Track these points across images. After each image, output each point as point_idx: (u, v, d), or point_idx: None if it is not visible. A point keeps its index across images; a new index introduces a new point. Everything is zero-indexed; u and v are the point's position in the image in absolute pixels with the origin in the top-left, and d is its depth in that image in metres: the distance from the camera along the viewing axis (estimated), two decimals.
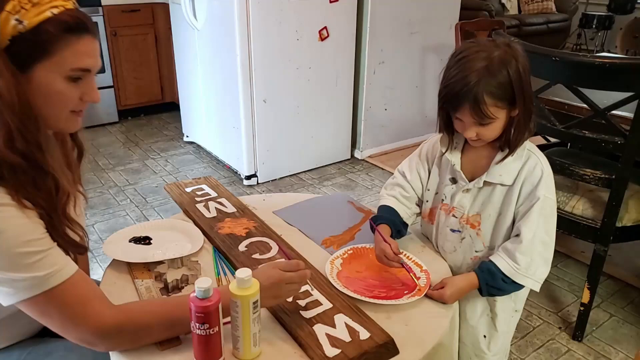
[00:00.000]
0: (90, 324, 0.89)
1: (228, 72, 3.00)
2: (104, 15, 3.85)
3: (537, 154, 1.17)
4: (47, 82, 0.88)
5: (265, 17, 2.85)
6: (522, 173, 1.15)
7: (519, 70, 1.05)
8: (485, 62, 1.04)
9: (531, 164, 1.15)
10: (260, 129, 3.07)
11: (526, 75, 1.07)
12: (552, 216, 1.15)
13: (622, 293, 2.21)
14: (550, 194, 1.14)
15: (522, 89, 1.06)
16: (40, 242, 0.87)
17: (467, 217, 1.22)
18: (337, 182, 3.24)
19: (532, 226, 1.12)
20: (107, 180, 3.22)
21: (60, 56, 0.87)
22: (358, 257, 1.24)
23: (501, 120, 1.09)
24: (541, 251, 1.13)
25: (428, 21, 3.53)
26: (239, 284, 0.88)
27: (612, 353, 1.87)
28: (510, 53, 1.06)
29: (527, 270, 1.13)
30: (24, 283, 0.85)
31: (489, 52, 1.06)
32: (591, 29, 5.60)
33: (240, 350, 0.92)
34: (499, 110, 1.07)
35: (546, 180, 1.14)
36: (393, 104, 3.63)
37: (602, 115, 1.66)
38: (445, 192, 1.25)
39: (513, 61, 1.05)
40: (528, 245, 1.12)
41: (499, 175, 1.15)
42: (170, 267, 1.17)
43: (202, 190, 1.55)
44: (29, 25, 0.83)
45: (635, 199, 1.80)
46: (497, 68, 1.04)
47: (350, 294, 1.07)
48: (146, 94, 4.29)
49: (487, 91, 1.04)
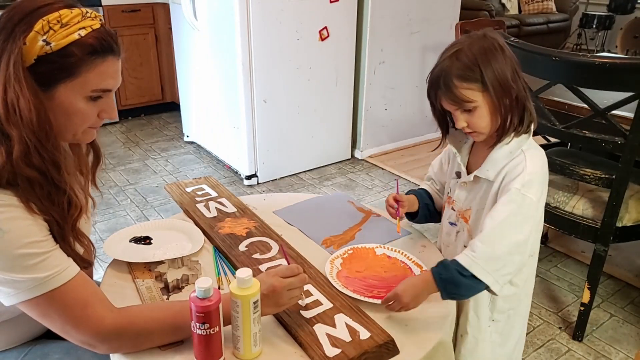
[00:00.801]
0: (91, 327, 0.89)
1: (228, 72, 3.00)
2: (104, 15, 3.84)
3: (529, 154, 1.11)
4: (68, 101, 0.89)
5: (265, 17, 2.85)
6: (505, 169, 1.11)
7: (487, 54, 1.05)
8: (454, 49, 1.07)
9: (516, 161, 1.10)
10: (260, 129, 3.07)
11: (499, 58, 1.05)
12: (530, 217, 1.08)
13: (622, 293, 2.21)
14: (531, 193, 1.06)
15: (493, 71, 1.04)
16: (43, 244, 0.87)
17: (462, 211, 1.24)
18: (337, 182, 3.24)
19: (496, 215, 1.07)
20: (108, 180, 3.22)
21: (84, 78, 0.88)
22: (358, 257, 1.24)
23: (483, 106, 1.07)
24: (511, 249, 1.05)
25: (428, 21, 3.53)
26: (239, 284, 0.88)
27: (612, 353, 1.87)
28: (481, 38, 1.07)
29: (487, 263, 1.03)
30: (25, 284, 0.85)
31: (461, 42, 1.09)
32: (591, 29, 5.60)
33: (241, 350, 0.92)
34: (473, 92, 1.06)
35: (525, 177, 1.07)
36: (393, 104, 3.63)
37: (602, 115, 1.66)
38: (451, 185, 1.28)
39: (480, 43, 1.06)
40: (489, 234, 1.05)
41: (487, 170, 1.14)
42: (170, 267, 1.18)
43: (203, 190, 1.55)
44: (55, 47, 0.85)
45: (636, 199, 1.80)
46: (465, 52, 1.06)
47: (349, 294, 1.08)
48: (146, 93, 4.30)
49: (454, 74, 1.05)
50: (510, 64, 1.07)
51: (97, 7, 3.79)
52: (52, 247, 0.89)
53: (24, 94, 0.83)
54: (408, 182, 3.21)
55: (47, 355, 1.08)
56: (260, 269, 1.16)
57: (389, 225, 1.39)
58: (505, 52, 1.07)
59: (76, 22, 0.87)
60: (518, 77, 1.08)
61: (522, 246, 1.07)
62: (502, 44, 1.08)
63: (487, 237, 1.05)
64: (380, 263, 1.22)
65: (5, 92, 0.83)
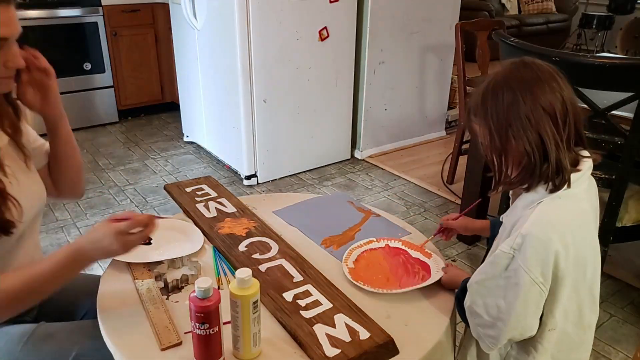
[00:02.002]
0: None
1: (228, 72, 3.00)
2: (104, 15, 3.85)
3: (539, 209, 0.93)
4: None
5: (265, 17, 2.85)
6: (518, 222, 0.96)
7: (502, 84, 0.93)
8: (489, 78, 0.97)
9: (526, 214, 0.94)
10: (260, 129, 3.07)
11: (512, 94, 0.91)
12: (516, 285, 0.91)
13: (622, 293, 2.20)
14: (521, 259, 0.90)
15: (494, 107, 0.93)
16: None
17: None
18: (337, 182, 3.24)
19: (476, 273, 0.98)
20: (107, 180, 3.22)
21: None
22: (368, 260, 1.23)
23: (487, 144, 0.97)
24: (491, 311, 0.95)
25: (428, 21, 3.53)
26: (239, 284, 0.88)
27: (612, 353, 1.87)
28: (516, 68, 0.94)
29: (469, 313, 1.00)
30: None
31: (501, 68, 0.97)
32: (591, 29, 5.60)
33: (240, 350, 0.92)
34: (477, 126, 0.98)
35: (517, 240, 0.91)
36: (393, 104, 3.63)
37: (602, 115, 1.67)
38: None
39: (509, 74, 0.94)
40: (469, 287, 0.99)
41: (507, 216, 1.03)
42: (170, 267, 1.18)
43: (202, 190, 1.55)
44: None
45: (635, 199, 1.80)
46: (487, 82, 0.96)
47: (374, 290, 1.09)
48: (146, 94, 4.30)
49: (470, 107, 0.99)
50: (525, 107, 0.91)
51: (97, 7, 3.80)
52: None
53: None
54: (407, 182, 3.21)
55: (52, 336, 1.09)
56: (260, 269, 1.16)
57: (388, 225, 1.39)
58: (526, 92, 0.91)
59: None
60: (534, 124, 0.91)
61: (508, 318, 0.94)
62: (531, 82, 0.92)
63: (469, 290, 0.99)
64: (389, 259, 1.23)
65: None
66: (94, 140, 3.84)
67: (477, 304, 0.98)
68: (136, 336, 0.97)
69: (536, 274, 0.90)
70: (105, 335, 0.99)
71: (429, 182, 3.22)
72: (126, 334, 0.97)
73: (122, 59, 4.06)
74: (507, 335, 0.96)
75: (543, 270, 0.90)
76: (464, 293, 1.02)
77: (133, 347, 0.95)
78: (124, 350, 0.94)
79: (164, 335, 0.96)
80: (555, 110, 0.92)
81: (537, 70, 0.94)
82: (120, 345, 0.95)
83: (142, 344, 0.95)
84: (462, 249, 2.50)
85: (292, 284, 1.11)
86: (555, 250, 0.90)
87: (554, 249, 0.90)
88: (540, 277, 0.91)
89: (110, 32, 3.93)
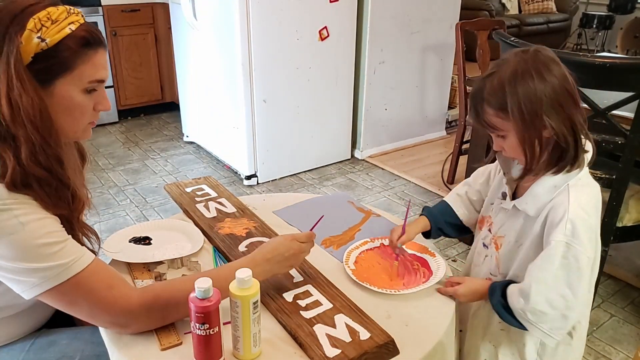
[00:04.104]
0: (120, 306, 0.92)
1: (228, 72, 3.00)
2: (104, 15, 3.85)
3: (574, 192, 0.99)
4: (68, 95, 0.92)
5: (265, 17, 2.85)
6: (547, 207, 1.01)
7: (520, 73, 0.94)
8: (493, 69, 0.98)
9: (559, 200, 0.99)
10: (260, 129, 3.07)
11: (533, 81, 0.93)
12: (578, 269, 0.96)
13: (623, 293, 2.20)
14: (577, 243, 0.95)
15: (517, 95, 0.94)
16: (60, 234, 0.91)
17: (496, 237, 1.15)
18: (337, 182, 3.24)
19: (536, 274, 0.99)
20: (107, 180, 3.21)
21: (80, 70, 0.91)
22: (367, 261, 1.23)
23: (512, 136, 0.99)
24: (557, 304, 0.98)
25: (428, 21, 3.53)
26: (239, 284, 0.88)
27: (613, 353, 1.87)
28: (528, 58, 0.96)
29: (529, 318, 1.00)
30: (50, 272, 0.87)
31: (506, 59, 0.98)
32: (591, 28, 5.60)
33: (240, 351, 0.91)
34: (501, 122, 0.98)
35: (568, 226, 0.96)
36: (393, 104, 3.63)
37: (603, 115, 1.66)
38: (494, 203, 1.18)
39: (521, 64, 0.95)
40: (528, 289, 0.99)
41: (526, 203, 1.05)
42: (170, 267, 1.17)
43: (202, 190, 1.55)
44: (51, 43, 0.88)
45: (636, 199, 1.80)
46: (498, 77, 0.96)
47: (377, 290, 1.09)
48: (146, 93, 4.29)
49: (485, 98, 0.98)
50: (553, 91, 0.94)
51: (97, 7, 3.80)
52: (67, 236, 0.92)
53: (26, 92, 0.86)
54: (408, 182, 3.21)
55: (54, 343, 1.09)
56: None
57: (388, 226, 1.39)
58: (551, 76, 0.94)
59: (64, 18, 0.90)
60: (564, 106, 0.95)
61: (574, 301, 0.98)
62: (549, 65, 0.95)
63: (525, 292, 0.99)
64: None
65: (9, 93, 0.85)
66: (94, 141, 3.84)
67: (539, 302, 0.98)
68: (136, 336, 0.96)
69: (590, 253, 0.97)
70: (105, 335, 0.99)
71: (429, 182, 3.21)
72: (126, 334, 0.97)
73: (122, 59, 4.05)
74: (574, 320, 1.02)
75: (593, 248, 0.98)
76: (504, 299, 1.03)
77: (133, 347, 0.94)
78: (123, 351, 0.94)
79: (163, 335, 0.96)
80: (574, 90, 0.96)
81: (547, 53, 0.97)
82: (119, 345, 0.95)
83: (142, 345, 0.95)
84: (463, 249, 2.50)
85: (292, 284, 1.10)
86: (596, 230, 1.00)
87: (596, 229, 0.99)
88: (592, 255, 0.98)
89: (110, 32, 3.93)
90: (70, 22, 0.90)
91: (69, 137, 0.99)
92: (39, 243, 0.87)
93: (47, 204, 0.90)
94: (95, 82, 0.94)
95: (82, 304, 0.92)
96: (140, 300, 0.94)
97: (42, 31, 0.87)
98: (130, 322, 0.94)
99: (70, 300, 0.91)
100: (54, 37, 0.87)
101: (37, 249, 0.86)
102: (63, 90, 0.91)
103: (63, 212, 0.93)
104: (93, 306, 0.92)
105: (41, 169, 0.89)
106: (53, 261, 0.87)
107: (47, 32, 0.87)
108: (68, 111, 0.93)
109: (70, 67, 0.90)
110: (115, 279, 0.95)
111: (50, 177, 0.90)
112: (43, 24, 0.87)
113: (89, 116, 0.98)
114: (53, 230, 0.90)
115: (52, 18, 0.88)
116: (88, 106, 0.96)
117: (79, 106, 0.94)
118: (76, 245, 0.93)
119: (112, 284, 0.93)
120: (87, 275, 0.91)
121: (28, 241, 0.86)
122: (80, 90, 0.93)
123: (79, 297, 0.91)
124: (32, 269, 0.86)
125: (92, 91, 0.95)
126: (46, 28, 0.87)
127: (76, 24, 0.90)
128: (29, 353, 1.07)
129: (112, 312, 0.92)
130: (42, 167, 0.89)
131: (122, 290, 0.94)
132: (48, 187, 0.90)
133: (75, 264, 0.90)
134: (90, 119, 0.98)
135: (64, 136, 0.96)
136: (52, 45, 0.87)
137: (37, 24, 0.86)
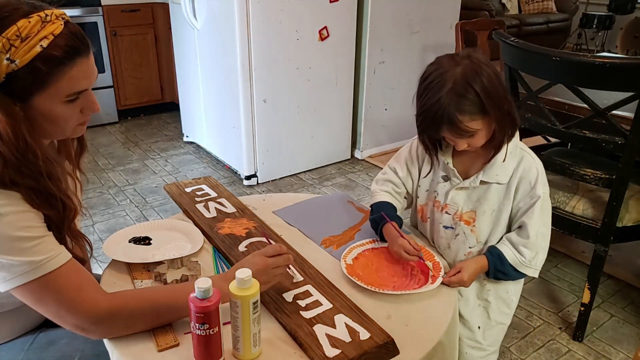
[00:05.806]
0: (85, 310, 0.91)
1: (228, 72, 3.00)
2: (104, 15, 3.85)
3: (530, 154, 1.22)
4: (47, 108, 0.90)
5: (265, 17, 2.85)
6: (518, 172, 1.20)
7: (482, 82, 1.07)
8: (450, 84, 1.07)
9: (526, 163, 1.20)
10: (260, 129, 3.07)
11: (492, 81, 1.08)
12: (549, 210, 1.23)
13: (623, 293, 2.20)
14: (546, 190, 1.21)
15: (491, 97, 1.08)
16: (38, 230, 0.89)
17: (461, 214, 1.26)
18: (337, 182, 3.24)
19: (535, 223, 1.19)
20: (107, 181, 3.21)
21: (56, 87, 0.88)
22: (368, 259, 1.23)
23: (484, 130, 1.13)
24: (541, 243, 1.22)
25: (428, 21, 3.53)
26: (239, 284, 0.88)
27: (613, 353, 1.87)
28: (471, 66, 1.08)
29: (530, 262, 1.22)
30: (20, 268, 0.86)
31: (451, 72, 1.08)
32: (591, 28, 5.60)
33: (240, 351, 0.91)
34: (477, 122, 1.10)
35: (542, 178, 1.20)
36: (393, 104, 3.63)
37: (603, 115, 1.66)
38: (437, 189, 1.29)
39: (475, 75, 1.07)
40: (534, 241, 1.20)
41: (496, 175, 1.21)
42: (170, 268, 1.17)
43: (202, 191, 1.55)
44: (20, 64, 0.84)
45: (636, 199, 1.80)
46: (462, 86, 1.07)
47: (372, 289, 1.09)
48: (146, 94, 4.29)
49: (458, 110, 1.07)
50: (497, 78, 1.09)
51: (97, 7, 3.80)
52: (46, 232, 0.90)
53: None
54: None
55: (53, 342, 1.09)
56: None
57: None
58: (490, 67, 1.10)
59: (36, 33, 0.84)
60: (503, 87, 1.12)
61: (549, 235, 1.24)
62: (485, 61, 1.10)
63: (532, 245, 1.20)
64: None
65: None
66: (94, 141, 3.84)
67: (542, 249, 1.22)
68: (135, 336, 0.96)
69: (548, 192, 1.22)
70: None
71: None
72: (124, 335, 0.97)
73: (122, 59, 4.05)
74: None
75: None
76: (502, 263, 1.21)
77: (132, 346, 0.95)
78: (122, 350, 0.94)
79: (161, 336, 0.96)
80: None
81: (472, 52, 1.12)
82: (119, 344, 0.95)
83: (142, 344, 0.95)
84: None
85: (292, 284, 1.10)
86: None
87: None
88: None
89: (110, 32, 3.93)
90: (43, 36, 0.84)
91: (59, 138, 0.98)
92: (14, 236, 0.85)
93: (35, 203, 0.88)
94: (75, 94, 0.91)
95: (49, 303, 0.90)
96: (107, 305, 0.92)
97: (11, 52, 0.82)
98: (92, 326, 0.92)
99: (37, 298, 0.90)
100: (24, 59, 0.83)
101: (11, 242, 0.85)
102: (41, 105, 0.88)
103: (52, 218, 0.91)
104: (59, 307, 0.90)
105: (27, 179, 0.87)
106: (25, 257, 0.86)
107: (16, 52, 0.83)
108: (51, 121, 0.91)
109: (43, 86, 0.86)
110: (86, 281, 0.93)
111: (38, 185, 0.88)
112: (12, 44, 0.82)
113: (76, 120, 0.96)
114: (31, 225, 0.87)
115: (22, 35, 0.83)
116: (72, 113, 0.93)
117: (61, 116, 0.92)
118: (53, 244, 0.91)
119: (82, 286, 0.91)
120: (57, 275, 0.89)
121: (4, 232, 0.84)
122: (60, 103, 0.90)
123: (46, 296, 0.89)
124: (4, 263, 0.85)
125: (75, 100, 0.92)
126: (15, 48, 0.83)
127: (49, 38, 0.85)
128: (28, 352, 1.07)
129: (77, 314, 0.90)
130: (28, 177, 0.87)
131: (91, 293, 0.92)
132: (37, 192, 0.89)
133: (48, 263, 0.88)
134: (78, 121, 0.96)
135: (55, 138, 0.95)
136: (22, 66, 0.84)
137: (5, 45, 0.82)
